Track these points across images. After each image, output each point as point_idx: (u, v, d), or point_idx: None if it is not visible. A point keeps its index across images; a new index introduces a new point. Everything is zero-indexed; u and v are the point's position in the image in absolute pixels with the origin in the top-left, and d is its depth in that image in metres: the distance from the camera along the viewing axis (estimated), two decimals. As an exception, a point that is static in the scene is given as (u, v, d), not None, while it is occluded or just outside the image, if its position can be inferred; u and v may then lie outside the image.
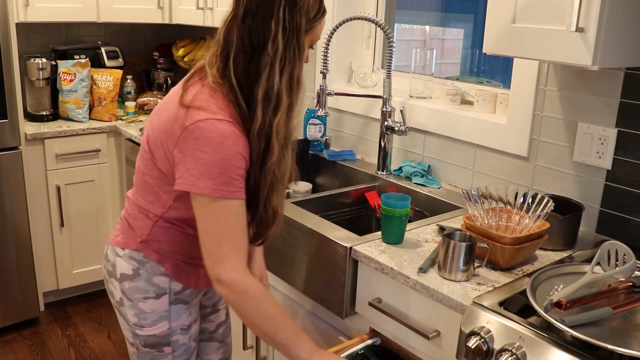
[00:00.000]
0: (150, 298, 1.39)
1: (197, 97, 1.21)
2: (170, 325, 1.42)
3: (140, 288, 1.38)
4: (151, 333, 1.41)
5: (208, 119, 1.17)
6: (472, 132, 1.98)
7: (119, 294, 1.42)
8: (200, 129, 1.17)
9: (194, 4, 2.82)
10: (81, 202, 2.97)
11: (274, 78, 1.19)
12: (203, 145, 1.17)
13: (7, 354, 2.68)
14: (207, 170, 1.17)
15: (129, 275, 1.39)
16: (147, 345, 1.43)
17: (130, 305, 1.40)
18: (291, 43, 1.20)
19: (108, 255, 1.44)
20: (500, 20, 1.48)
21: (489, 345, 1.17)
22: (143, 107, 3.23)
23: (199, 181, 1.18)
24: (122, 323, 1.47)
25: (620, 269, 1.30)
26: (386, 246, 1.55)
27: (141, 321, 1.40)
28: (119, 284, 1.41)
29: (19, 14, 2.77)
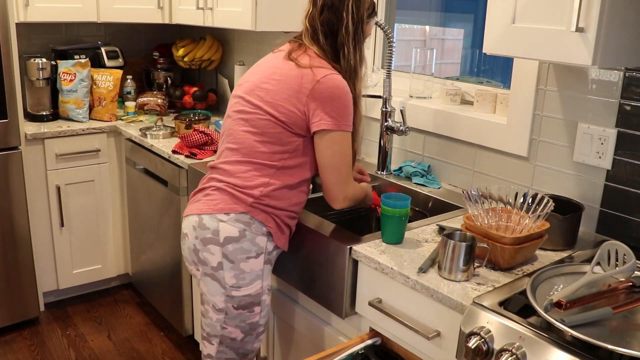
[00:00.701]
0: (251, 258, 1.57)
1: (313, 61, 1.55)
2: (262, 285, 1.61)
3: (244, 248, 1.56)
4: (247, 293, 1.58)
5: (332, 73, 1.53)
6: (472, 132, 1.98)
7: (218, 258, 1.56)
8: (330, 80, 1.52)
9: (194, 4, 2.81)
10: (81, 202, 2.97)
11: (350, 54, 1.57)
12: (336, 92, 1.52)
13: (7, 354, 2.68)
14: (342, 111, 1.53)
15: (234, 237, 1.55)
16: (240, 306, 1.58)
17: (231, 267, 1.56)
18: (358, 30, 1.58)
19: (205, 223, 1.58)
20: (500, 20, 1.48)
21: (489, 345, 1.17)
22: (143, 107, 3.23)
23: (338, 121, 1.52)
24: (213, 289, 1.59)
25: (620, 269, 1.30)
26: (386, 246, 1.55)
27: (239, 282, 1.57)
28: (221, 248, 1.56)
29: (19, 14, 2.77)
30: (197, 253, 1.60)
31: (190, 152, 2.45)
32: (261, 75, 1.61)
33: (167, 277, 2.70)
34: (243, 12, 2.45)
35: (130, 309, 3.10)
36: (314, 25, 1.58)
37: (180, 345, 2.78)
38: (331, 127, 1.52)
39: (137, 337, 2.85)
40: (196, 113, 2.91)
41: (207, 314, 1.63)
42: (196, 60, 3.28)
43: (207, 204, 1.59)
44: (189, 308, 2.60)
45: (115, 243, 3.14)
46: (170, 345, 2.79)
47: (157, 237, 2.74)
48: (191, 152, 2.44)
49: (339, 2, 1.56)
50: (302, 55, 1.57)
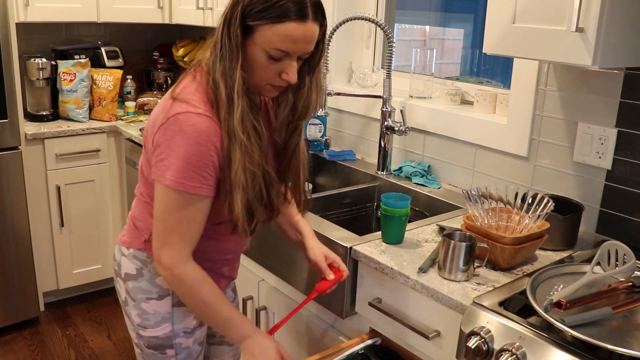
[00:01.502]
0: (152, 299, 1.39)
1: (184, 90, 1.21)
2: (173, 328, 1.41)
3: (142, 288, 1.39)
4: (154, 335, 1.41)
5: (188, 112, 1.17)
6: (472, 132, 1.98)
7: (124, 293, 1.43)
8: (178, 122, 1.17)
9: (194, 4, 2.81)
10: (81, 202, 2.97)
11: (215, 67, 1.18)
12: (178, 137, 1.17)
13: (7, 354, 2.68)
14: (176, 163, 1.17)
15: (132, 275, 1.40)
16: (150, 346, 1.42)
17: (134, 305, 1.41)
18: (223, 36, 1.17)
19: (115, 254, 1.46)
20: (500, 20, 1.48)
21: (489, 345, 1.17)
22: (143, 107, 3.23)
23: (166, 172, 1.19)
24: (127, 323, 1.47)
25: (620, 269, 1.30)
26: (386, 246, 1.55)
27: (144, 322, 1.40)
28: (124, 283, 1.42)
29: (19, 14, 2.77)
30: (114, 282, 1.49)
31: (190, 152, 2.44)
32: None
33: (167, 277, 2.70)
34: (243, 12, 2.45)
35: (130, 309, 3.10)
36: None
37: (180, 345, 2.77)
38: (158, 177, 1.21)
39: (137, 337, 2.85)
40: (196, 113, 2.90)
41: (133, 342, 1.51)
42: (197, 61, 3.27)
43: (122, 232, 1.46)
44: (189, 308, 2.59)
45: (115, 243, 3.13)
46: (170, 345, 2.79)
47: (157, 237, 2.73)
48: (191, 152, 2.44)
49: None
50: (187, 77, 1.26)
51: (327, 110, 2.18)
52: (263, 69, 1.19)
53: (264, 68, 1.19)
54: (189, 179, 1.18)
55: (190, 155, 1.17)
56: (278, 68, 1.19)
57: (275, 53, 1.16)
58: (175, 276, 1.26)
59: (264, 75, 1.20)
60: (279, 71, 1.20)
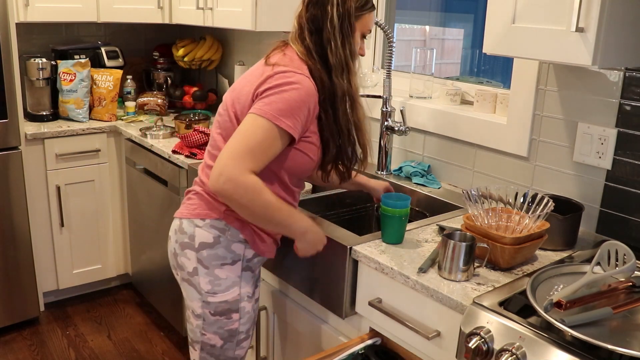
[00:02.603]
0: (226, 264, 1.54)
1: (281, 60, 1.48)
2: (240, 292, 1.56)
3: (218, 255, 1.53)
4: (223, 299, 1.55)
5: (289, 70, 1.44)
6: (472, 132, 1.98)
7: (193, 263, 1.55)
8: (281, 76, 1.42)
9: (194, 4, 2.81)
10: (81, 202, 2.97)
11: (337, 49, 1.49)
12: (281, 86, 1.41)
13: (7, 354, 2.68)
14: (278, 102, 1.40)
15: (208, 243, 1.52)
16: (216, 313, 1.55)
17: (206, 272, 1.53)
18: (345, 23, 1.50)
19: (184, 228, 1.56)
20: (500, 20, 1.48)
21: (489, 345, 1.17)
22: (143, 107, 3.23)
23: (265, 107, 1.39)
24: (190, 294, 1.58)
25: (620, 269, 1.30)
26: (386, 246, 1.55)
27: (214, 288, 1.54)
28: (196, 253, 1.54)
29: (19, 14, 2.77)
30: (176, 257, 1.60)
31: (190, 152, 2.45)
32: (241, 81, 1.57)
33: (167, 277, 2.70)
34: (243, 12, 2.45)
35: (130, 309, 3.10)
36: (301, 24, 1.53)
37: (180, 345, 2.77)
38: (258, 112, 1.40)
39: (137, 337, 2.85)
40: (196, 113, 2.91)
41: (189, 319, 1.61)
42: (196, 60, 3.28)
43: (188, 207, 1.58)
44: (189, 308, 2.60)
45: (115, 243, 3.14)
46: (170, 345, 2.79)
47: (157, 237, 2.73)
48: (191, 152, 2.44)
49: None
50: (276, 54, 1.52)
51: (327, 110, 2.18)
52: (357, 44, 1.56)
53: (357, 45, 1.56)
54: (284, 116, 1.40)
55: (292, 100, 1.41)
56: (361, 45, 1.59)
57: (367, 33, 1.58)
58: (240, 183, 1.36)
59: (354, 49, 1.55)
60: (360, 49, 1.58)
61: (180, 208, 1.61)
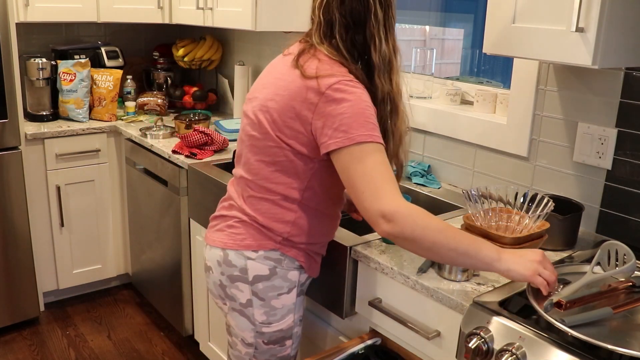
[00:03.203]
0: (283, 294, 1.46)
1: (321, 68, 1.31)
2: (294, 318, 1.51)
3: (275, 286, 1.45)
4: (278, 328, 1.48)
5: (340, 80, 1.28)
6: (472, 132, 1.98)
7: (247, 296, 1.45)
8: (337, 90, 1.27)
9: (194, 4, 2.81)
10: (81, 202, 2.97)
11: (382, 46, 1.34)
12: (343, 102, 1.26)
13: (7, 354, 2.68)
14: (354, 122, 1.25)
15: (264, 275, 1.43)
16: (270, 342, 1.49)
17: (261, 304, 1.45)
18: (388, 15, 1.36)
19: (231, 260, 1.44)
20: (500, 20, 1.48)
21: (489, 345, 1.17)
22: (143, 107, 3.23)
23: (349, 133, 1.25)
24: (241, 324, 1.48)
25: (620, 269, 1.30)
26: (386, 246, 1.55)
27: (270, 318, 1.47)
28: (250, 286, 1.44)
29: (19, 14, 2.77)
30: (224, 289, 1.48)
31: (190, 152, 2.45)
32: (268, 90, 1.39)
33: (167, 277, 2.70)
34: (243, 12, 2.45)
35: (130, 309, 3.10)
36: (330, 19, 1.34)
37: (180, 345, 2.78)
38: (342, 143, 1.25)
39: (137, 337, 2.85)
40: (196, 113, 2.91)
41: (235, 346, 1.54)
42: (196, 60, 3.28)
43: (233, 237, 1.45)
44: (189, 308, 2.60)
45: (115, 243, 3.14)
46: (170, 345, 2.79)
47: (157, 237, 2.74)
48: (191, 152, 2.44)
49: None
50: (310, 60, 1.34)
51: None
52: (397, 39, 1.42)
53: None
54: (371, 128, 1.26)
55: (363, 110, 1.27)
56: None
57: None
58: (405, 216, 1.19)
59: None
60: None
61: (220, 235, 1.47)
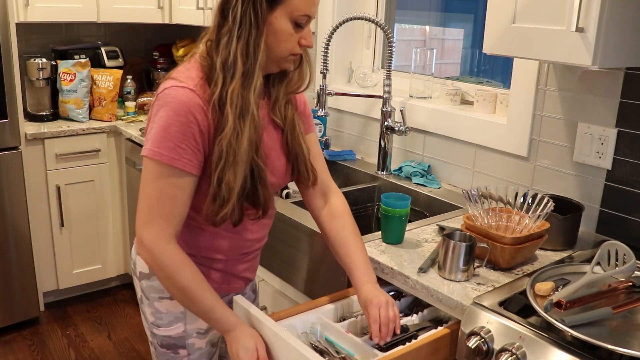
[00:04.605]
0: (165, 298, 1.37)
1: (176, 71, 1.25)
2: (185, 328, 1.39)
3: (155, 287, 1.38)
4: (167, 334, 1.40)
5: (172, 86, 1.20)
6: (472, 132, 1.98)
7: (139, 291, 1.44)
8: (163, 96, 1.20)
9: (194, 4, 2.81)
10: (81, 202, 2.97)
11: (230, 46, 1.19)
12: (161, 110, 1.19)
13: (7, 354, 2.68)
14: (157, 134, 1.19)
15: (145, 274, 1.39)
16: (163, 345, 1.42)
17: (148, 303, 1.41)
18: (247, 11, 1.17)
19: (132, 253, 1.45)
20: (500, 20, 1.48)
21: (489, 345, 1.17)
22: (143, 107, 3.23)
23: (147, 144, 1.21)
24: (143, 320, 1.48)
25: (620, 269, 1.30)
26: (386, 246, 1.55)
27: (157, 321, 1.40)
28: (139, 281, 1.42)
29: (19, 14, 2.77)
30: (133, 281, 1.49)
31: (190, 152, 2.44)
32: None
33: (167, 277, 2.70)
34: (243, 12, 2.45)
35: (130, 309, 3.10)
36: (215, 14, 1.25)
37: (180, 345, 2.77)
38: (143, 152, 1.21)
39: (137, 337, 2.85)
40: (196, 113, 2.90)
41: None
42: (196, 60, 3.27)
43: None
44: (189, 308, 2.60)
45: (115, 243, 3.14)
46: (170, 345, 2.79)
47: (157, 237, 2.73)
48: (191, 152, 2.44)
49: None
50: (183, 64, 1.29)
51: (327, 110, 2.18)
52: (287, 38, 1.22)
53: (289, 37, 1.22)
54: (166, 149, 1.18)
55: (169, 126, 1.17)
56: (299, 36, 1.23)
57: (302, 19, 1.21)
58: (154, 257, 1.21)
59: (288, 45, 1.23)
60: (299, 38, 1.24)
61: None
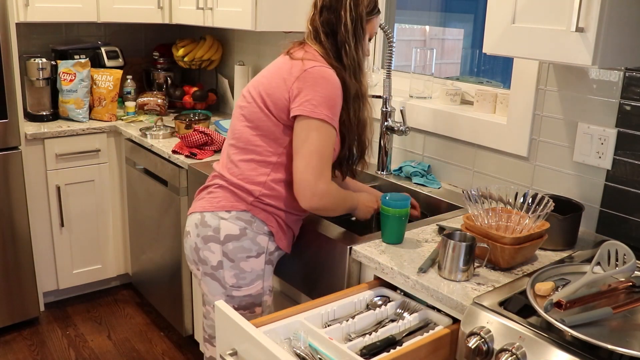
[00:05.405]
0: (252, 257, 1.57)
1: (307, 55, 1.56)
2: (263, 285, 1.61)
3: (244, 247, 1.56)
4: (248, 293, 1.58)
5: (322, 66, 1.53)
6: (472, 132, 1.98)
7: (218, 257, 1.57)
8: (318, 71, 1.51)
9: (194, 4, 2.81)
10: (81, 202, 2.97)
11: (351, 51, 1.58)
12: (321, 82, 1.50)
13: (7, 354, 2.68)
14: (325, 102, 1.49)
15: (235, 235, 1.56)
16: (240, 307, 1.57)
17: (231, 266, 1.56)
18: (358, 26, 1.59)
19: (206, 221, 1.59)
20: (500, 20, 1.48)
21: (489, 345, 1.17)
22: (143, 107, 3.23)
23: (317, 109, 1.48)
24: (213, 289, 1.60)
25: (620, 269, 1.30)
26: (386, 246, 1.55)
27: (240, 281, 1.57)
28: (221, 246, 1.56)
29: (19, 14, 2.77)
30: (197, 252, 1.60)
31: (190, 152, 2.45)
32: (262, 74, 1.65)
33: (167, 277, 2.70)
34: (243, 12, 2.45)
35: (130, 309, 3.10)
36: (315, 27, 1.61)
37: (180, 345, 2.78)
38: (308, 113, 1.48)
39: (137, 337, 2.85)
40: (196, 113, 2.91)
41: (209, 315, 1.62)
42: (196, 60, 3.28)
43: (210, 201, 1.60)
44: (189, 308, 2.60)
45: (115, 243, 3.14)
46: (170, 345, 2.79)
47: (157, 237, 2.74)
48: (191, 152, 2.44)
49: (336, 3, 1.59)
50: (298, 50, 1.59)
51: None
52: (366, 46, 1.65)
53: (366, 45, 1.65)
54: (335, 115, 1.52)
55: (333, 97, 1.51)
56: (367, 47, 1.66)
57: (374, 35, 1.69)
58: (331, 196, 1.52)
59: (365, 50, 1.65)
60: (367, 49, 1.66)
61: (200, 202, 1.63)
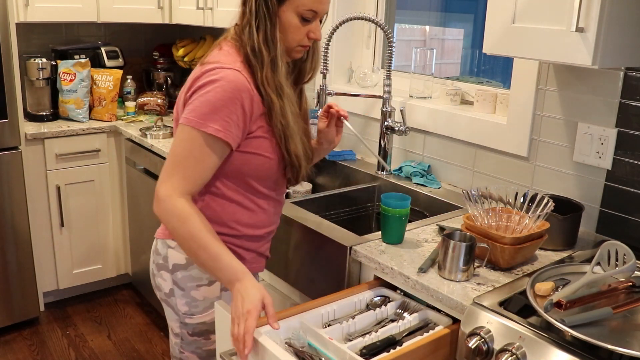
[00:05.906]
0: (202, 285, 1.43)
1: (212, 56, 1.34)
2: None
3: (193, 276, 1.43)
4: (201, 320, 1.46)
5: (217, 67, 1.29)
6: (472, 132, 1.98)
7: (169, 285, 1.46)
8: (207, 75, 1.29)
9: (194, 4, 2.82)
10: (81, 202, 2.97)
11: (253, 36, 1.32)
12: (207, 85, 1.28)
13: (7, 354, 2.68)
14: (200, 106, 1.28)
15: (181, 265, 1.43)
16: (194, 333, 1.47)
17: (182, 294, 1.45)
18: (260, 4, 1.31)
19: (158, 249, 1.48)
20: (500, 20, 1.48)
21: (489, 345, 1.17)
22: (143, 107, 3.23)
23: (189, 114, 1.29)
24: (169, 314, 1.51)
25: (620, 269, 1.30)
26: (386, 246, 1.55)
27: (192, 309, 1.45)
28: (171, 275, 1.45)
29: (19, 14, 2.77)
30: (154, 277, 1.52)
31: (190, 152, 2.44)
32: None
33: (167, 277, 2.70)
34: (243, 12, 2.45)
35: (130, 309, 3.10)
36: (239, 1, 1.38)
37: (180, 345, 2.77)
38: (182, 120, 1.29)
39: (137, 337, 2.85)
40: (196, 113, 2.90)
41: (170, 335, 1.56)
42: (196, 60, 3.28)
43: (162, 227, 1.48)
44: (189, 308, 2.60)
45: (115, 243, 3.14)
46: (170, 345, 2.79)
47: (157, 237, 2.73)
48: (191, 152, 2.44)
49: None
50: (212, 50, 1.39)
51: (327, 110, 2.18)
52: (295, 31, 1.35)
53: (296, 30, 1.35)
54: (209, 120, 1.27)
55: (216, 100, 1.27)
56: (306, 29, 1.36)
57: (308, 14, 1.33)
58: (165, 207, 1.28)
59: (296, 37, 1.35)
60: (307, 32, 1.36)
61: (159, 227, 1.50)
